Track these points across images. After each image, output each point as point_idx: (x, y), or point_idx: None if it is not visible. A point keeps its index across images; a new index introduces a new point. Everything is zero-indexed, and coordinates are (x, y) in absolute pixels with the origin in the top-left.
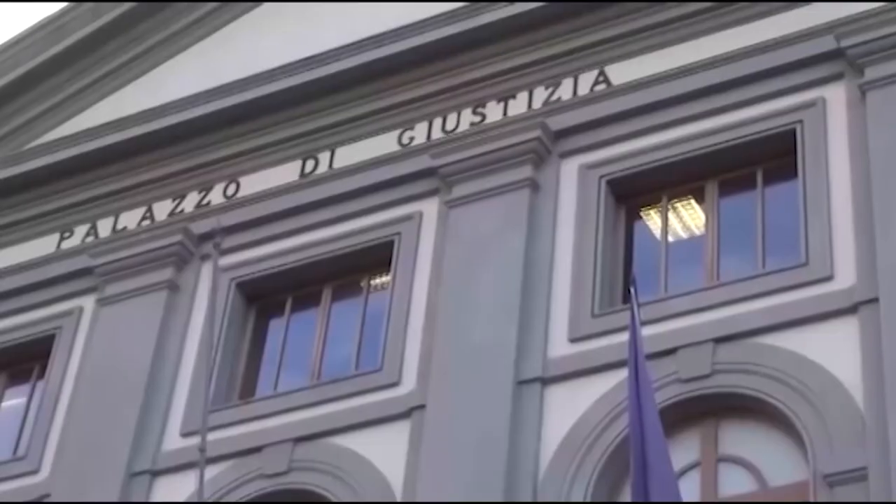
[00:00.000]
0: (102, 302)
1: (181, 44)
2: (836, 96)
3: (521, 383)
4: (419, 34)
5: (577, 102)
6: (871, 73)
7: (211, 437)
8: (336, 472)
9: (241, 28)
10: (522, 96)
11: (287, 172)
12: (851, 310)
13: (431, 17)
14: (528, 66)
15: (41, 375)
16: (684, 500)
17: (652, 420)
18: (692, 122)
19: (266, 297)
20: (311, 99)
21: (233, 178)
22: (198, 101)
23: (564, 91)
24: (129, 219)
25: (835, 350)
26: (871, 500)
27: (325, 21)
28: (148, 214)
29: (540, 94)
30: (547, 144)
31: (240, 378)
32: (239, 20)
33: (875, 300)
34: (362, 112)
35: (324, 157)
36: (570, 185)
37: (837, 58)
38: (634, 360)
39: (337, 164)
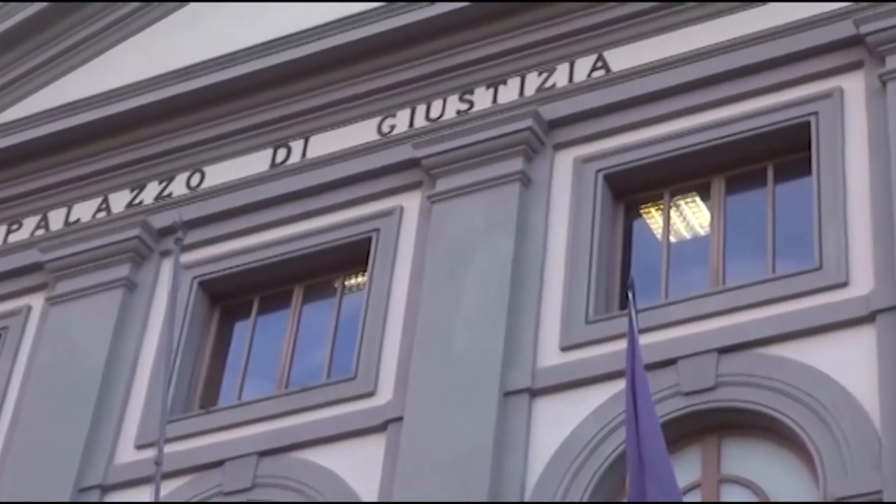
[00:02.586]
0: (53, 301)
1: (141, 23)
2: (854, 86)
3: (508, 395)
4: (402, 14)
5: (573, 90)
6: (892, 61)
7: (168, 449)
8: (304, 490)
9: (209, 6)
10: (514, 82)
11: (256, 162)
12: (868, 319)
13: None
14: (520, 50)
15: None
16: None
17: (652, 436)
18: (698, 112)
19: (231, 298)
20: (284, 83)
21: (197, 168)
22: (159, 83)
23: (559, 77)
24: (83, 210)
25: (849, 363)
26: None
27: None
28: (104, 206)
29: (533, 81)
30: (539, 135)
31: (201, 385)
32: None
33: (894, 309)
34: (339, 98)
35: (296, 145)
36: (565, 179)
37: (856, 45)
38: (632, 370)
39: (311, 154)
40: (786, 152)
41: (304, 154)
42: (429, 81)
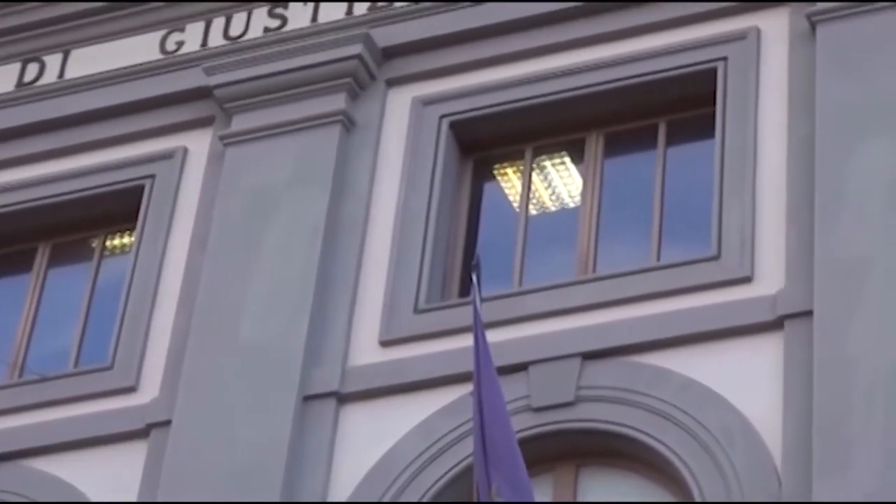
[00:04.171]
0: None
1: None
2: (775, 27)
3: (309, 399)
4: None
5: (417, 11)
6: None
7: None
8: None
9: None
10: None
11: None
12: (774, 325)
13: None
14: None
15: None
16: None
17: (510, 463)
18: (573, 50)
19: None
20: None
21: None
22: None
23: None
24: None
25: (747, 380)
26: None
27: None
28: None
29: None
30: (370, 66)
31: None
32: None
33: (808, 313)
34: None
35: (52, 61)
36: (399, 125)
37: None
38: (479, 375)
39: (70, 74)
40: (683, 106)
41: (61, 73)
42: None
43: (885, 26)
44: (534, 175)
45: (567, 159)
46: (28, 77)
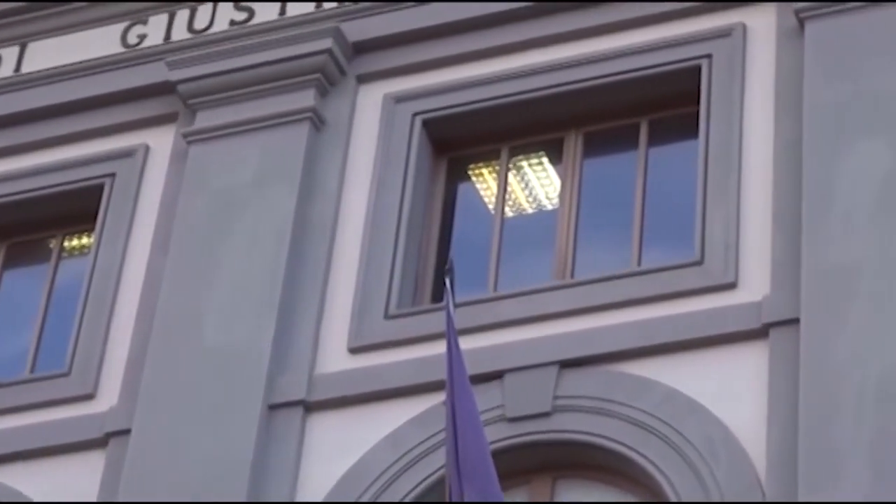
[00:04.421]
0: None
1: None
2: (761, 23)
3: (275, 408)
4: None
5: (390, 5)
6: None
7: None
8: None
9: None
10: None
11: None
12: (759, 333)
13: None
14: None
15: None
16: None
17: (484, 476)
18: (551, 46)
19: None
20: None
21: None
22: None
23: None
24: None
25: (731, 390)
26: None
27: None
28: None
29: None
30: (341, 62)
31: None
32: None
33: (794, 321)
34: None
35: (8, 54)
36: (370, 123)
37: None
38: (451, 384)
39: (27, 67)
40: (665, 105)
41: (17, 67)
42: None
43: (877, 24)
44: (510, 176)
45: (545, 159)
46: None
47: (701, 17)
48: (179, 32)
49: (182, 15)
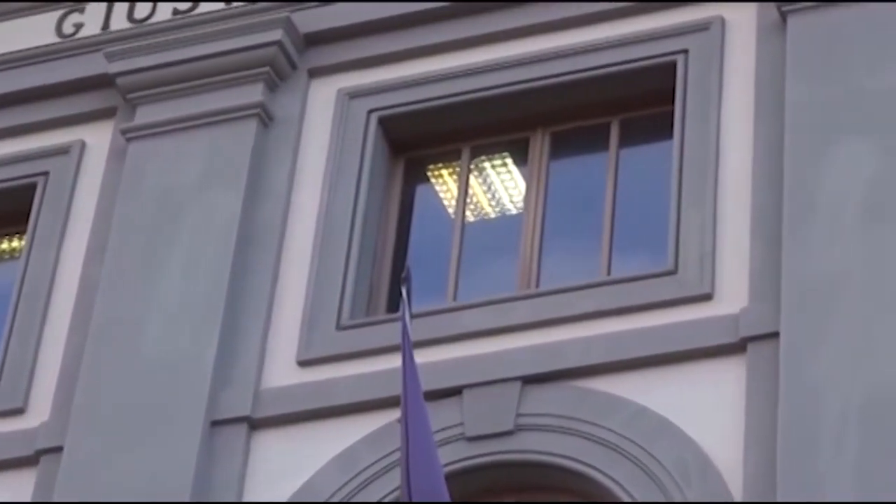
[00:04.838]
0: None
1: None
2: (742, 17)
3: (217, 424)
4: None
5: None
6: None
7: None
8: None
9: None
10: None
11: None
12: (736, 348)
13: None
14: None
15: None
16: None
17: (437, 493)
18: (517, 39)
19: None
20: None
21: None
22: None
23: None
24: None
25: (706, 408)
26: None
27: None
28: None
29: None
30: (291, 54)
31: None
32: None
33: (774, 335)
34: None
35: None
36: (323, 120)
37: None
38: (406, 400)
39: None
40: (638, 104)
41: None
42: None
43: (861, 19)
44: (472, 177)
45: (509, 160)
46: None
47: (677, 10)
48: (119, 22)
49: (122, 3)
